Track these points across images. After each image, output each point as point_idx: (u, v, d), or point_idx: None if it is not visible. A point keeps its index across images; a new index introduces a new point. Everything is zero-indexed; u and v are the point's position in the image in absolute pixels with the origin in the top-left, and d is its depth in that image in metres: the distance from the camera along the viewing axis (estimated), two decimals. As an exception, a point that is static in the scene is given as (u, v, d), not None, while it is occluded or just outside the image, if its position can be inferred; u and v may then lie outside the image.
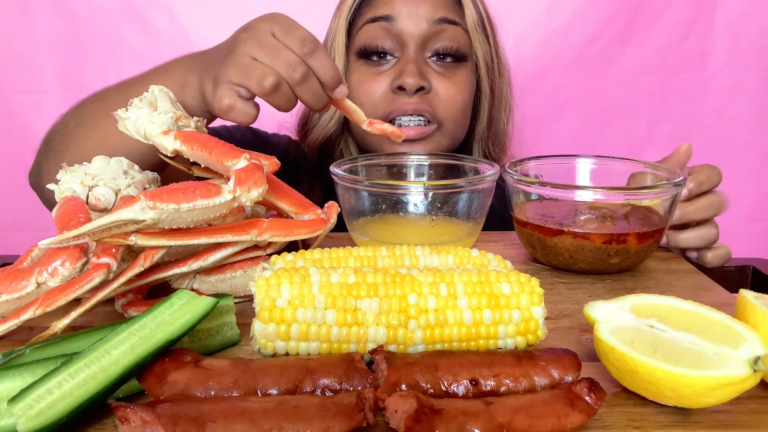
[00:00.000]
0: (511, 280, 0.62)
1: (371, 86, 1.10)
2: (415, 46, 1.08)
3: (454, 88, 1.11)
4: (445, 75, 1.11)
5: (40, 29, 1.78)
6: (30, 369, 0.51)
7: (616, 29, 1.75)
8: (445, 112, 1.11)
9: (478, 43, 1.13)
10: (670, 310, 0.58)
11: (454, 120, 1.13)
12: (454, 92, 1.11)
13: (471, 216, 0.90)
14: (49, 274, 0.62)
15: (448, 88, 1.10)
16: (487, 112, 1.19)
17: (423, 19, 1.07)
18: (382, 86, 1.10)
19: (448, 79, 1.11)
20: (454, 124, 1.13)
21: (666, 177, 0.87)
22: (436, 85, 1.10)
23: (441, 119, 1.11)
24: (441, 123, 1.11)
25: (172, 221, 0.62)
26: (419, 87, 1.07)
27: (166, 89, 0.81)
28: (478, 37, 1.12)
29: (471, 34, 1.12)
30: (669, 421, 0.51)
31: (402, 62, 1.09)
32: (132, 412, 0.45)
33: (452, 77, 1.11)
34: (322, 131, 1.19)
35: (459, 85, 1.12)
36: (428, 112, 1.09)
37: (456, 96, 1.11)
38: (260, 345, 0.60)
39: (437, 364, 0.54)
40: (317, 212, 0.78)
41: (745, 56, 1.76)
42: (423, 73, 1.08)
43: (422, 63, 1.09)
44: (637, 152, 1.79)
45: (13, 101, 1.83)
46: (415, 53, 1.08)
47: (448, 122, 1.12)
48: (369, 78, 1.11)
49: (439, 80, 1.10)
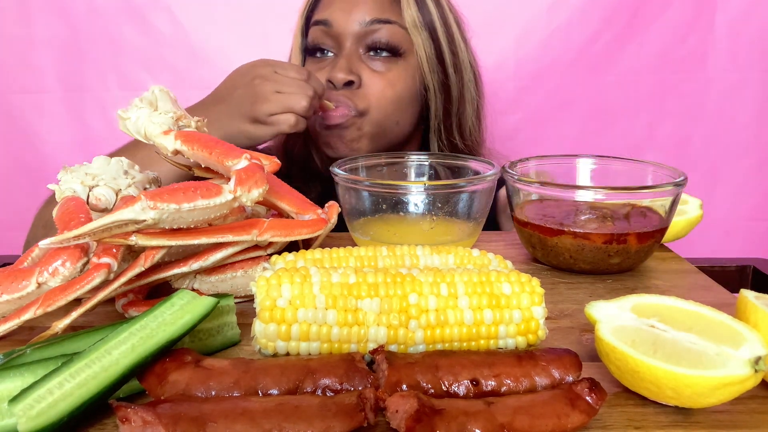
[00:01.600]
0: (512, 280, 0.62)
1: None
2: (350, 44, 1.16)
3: (384, 82, 1.17)
4: (378, 70, 1.17)
5: (40, 29, 1.78)
6: (31, 369, 0.51)
7: (616, 29, 1.74)
8: (371, 104, 1.17)
9: (420, 41, 1.18)
10: (670, 310, 0.58)
11: (381, 110, 1.18)
12: (384, 85, 1.17)
13: (471, 216, 0.89)
14: (50, 274, 0.62)
15: (378, 82, 1.17)
16: (440, 108, 1.24)
17: (355, 21, 1.15)
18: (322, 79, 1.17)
19: (380, 74, 1.17)
20: (379, 114, 1.18)
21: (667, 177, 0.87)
22: (367, 79, 1.16)
23: (364, 109, 1.16)
24: (364, 112, 1.17)
25: (173, 221, 0.62)
26: (347, 81, 1.14)
27: (167, 89, 0.81)
28: (420, 37, 1.17)
29: (410, 32, 1.17)
30: (670, 421, 0.51)
31: (337, 58, 1.18)
32: (133, 412, 0.45)
33: (385, 73, 1.18)
34: None
35: (391, 80, 1.18)
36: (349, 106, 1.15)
37: (385, 89, 1.17)
38: (261, 345, 0.60)
39: (438, 364, 0.54)
40: (318, 212, 0.78)
41: (745, 56, 1.76)
42: (353, 68, 1.16)
43: (355, 59, 1.17)
44: (637, 152, 1.79)
45: (13, 101, 1.83)
46: (350, 50, 1.16)
47: (373, 111, 1.17)
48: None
49: (370, 75, 1.17)
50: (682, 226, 0.93)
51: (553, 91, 1.81)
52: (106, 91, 1.82)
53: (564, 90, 1.80)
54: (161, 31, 1.78)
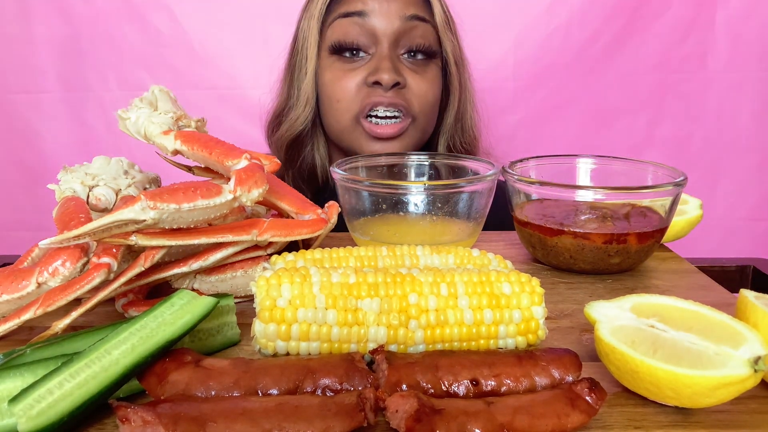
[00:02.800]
0: (512, 280, 0.62)
1: (346, 83, 1.13)
2: (388, 42, 1.11)
3: (426, 83, 1.15)
4: (417, 71, 1.14)
5: (40, 29, 1.78)
6: (31, 369, 0.51)
7: (616, 29, 1.74)
8: (418, 107, 1.14)
9: (448, 40, 1.16)
10: (670, 310, 0.58)
11: (426, 114, 1.17)
12: (427, 88, 1.15)
13: (471, 216, 0.90)
14: (50, 274, 0.62)
15: (421, 84, 1.14)
16: (456, 106, 1.23)
17: (395, 15, 1.09)
18: (357, 82, 1.12)
19: (420, 75, 1.14)
20: (425, 119, 1.17)
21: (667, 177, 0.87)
22: (410, 80, 1.13)
23: (415, 113, 1.14)
24: (415, 117, 1.15)
25: (173, 221, 0.62)
26: (395, 83, 1.10)
27: (167, 89, 0.81)
28: (447, 35, 1.16)
29: (440, 32, 1.15)
30: (670, 421, 0.51)
31: (376, 59, 1.11)
32: (133, 412, 0.45)
33: (424, 73, 1.15)
34: (291, 127, 1.21)
35: (431, 81, 1.16)
36: (403, 106, 1.12)
37: (428, 91, 1.15)
38: (261, 345, 0.60)
39: (438, 364, 0.54)
40: (318, 212, 0.78)
41: (745, 56, 1.76)
42: (398, 68, 1.11)
43: (396, 59, 1.12)
44: (637, 152, 1.79)
45: (13, 101, 1.83)
46: (389, 49, 1.11)
47: (421, 116, 1.16)
48: (343, 75, 1.13)
49: (412, 76, 1.13)
50: (682, 226, 0.93)
51: (552, 91, 1.81)
52: (106, 91, 1.83)
53: (564, 90, 1.80)
54: (161, 31, 1.78)
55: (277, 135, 1.24)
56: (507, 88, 1.80)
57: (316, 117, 1.21)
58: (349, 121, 1.14)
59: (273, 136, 1.27)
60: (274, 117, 1.28)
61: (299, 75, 1.18)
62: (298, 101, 1.19)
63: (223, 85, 1.81)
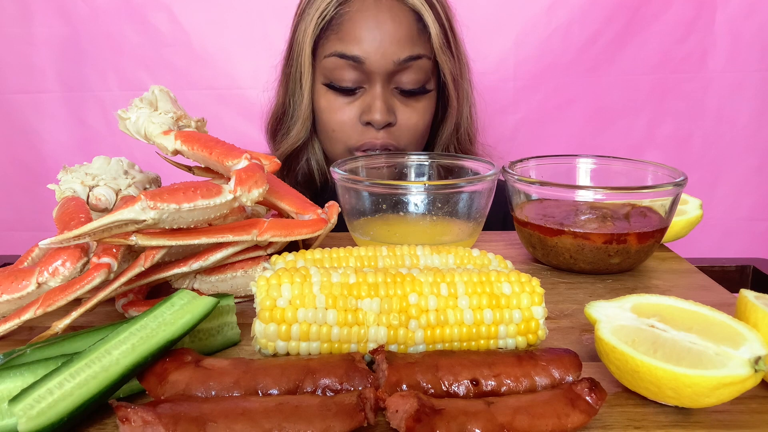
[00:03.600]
0: (512, 280, 0.62)
1: (341, 116, 1.16)
2: (381, 81, 1.12)
3: (416, 116, 1.17)
4: (409, 104, 1.16)
5: (40, 29, 1.78)
6: (31, 369, 0.51)
7: (616, 29, 1.74)
8: (407, 140, 1.18)
9: (445, 62, 1.16)
10: (670, 310, 0.58)
11: (416, 143, 1.20)
12: (417, 119, 1.17)
13: (471, 216, 0.89)
14: (50, 274, 0.62)
15: (411, 117, 1.16)
16: (454, 121, 1.24)
17: (390, 60, 1.11)
18: (351, 117, 1.15)
19: (411, 108, 1.16)
20: (414, 147, 1.21)
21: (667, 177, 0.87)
22: (400, 116, 1.15)
23: (403, 146, 1.18)
24: (404, 149, 1.19)
25: (173, 221, 0.62)
26: (386, 123, 1.13)
27: (167, 89, 0.81)
28: (444, 58, 1.15)
29: (438, 57, 1.15)
30: (670, 421, 0.51)
31: (370, 96, 1.14)
32: (133, 412, 0.45)
33: (415, 105, 1.17)
34: (293, 140, 1.23)
35: (421, 112, 1.18)
36: (393, 145, 1.16)
37: (418, 123, 1.18)
38: (261, 345, 0.60)
39: (438, 364, 0.54)
40: (318, 212, 0.78)
41: (745, 56, 1.76)
42: (390, 108, 1.14)
43: (389, 96, 1.14)
44: (637, 152, 1.79)
45: (13, 101, 1.83)
46: (382, 89, 1.13)
47: (409, 147, 1.19)
48: (338, 108, 1.16)
49: (402, 111, 1.16)
50: (682, 226, 0.93)
51: (553, 91, 1.81)
52: (106, 91, 1.82)
53: (564, 90, 1.80)
54: (161, 31, 1.78)
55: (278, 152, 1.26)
56: (507, 88, 1.80)
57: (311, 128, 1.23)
58: (343, 151, 1.19)
59: (272, 143, 1.30)
60: (272, 121, 1.29)
61: (296, 92, 1.20)
62: (297, 122, 1.21)
63: (223, 85, 1.81)
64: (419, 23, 1.13)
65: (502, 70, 1.78)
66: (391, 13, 1.10)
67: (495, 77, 1.77)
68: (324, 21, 1.13)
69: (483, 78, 1.38)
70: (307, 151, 1.25)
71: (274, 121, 1.28)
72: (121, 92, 1.82)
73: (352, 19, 1.11)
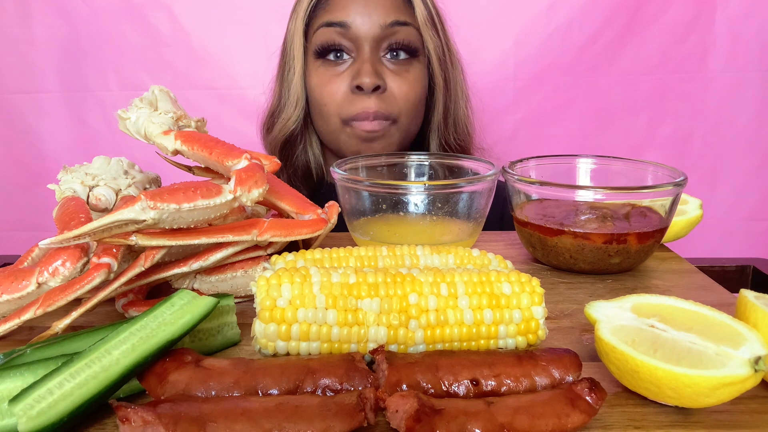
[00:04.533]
0: (512, 280, 0.62)
1: (331, 88, 1.16)
2: (369, 47, 1.14)
3: (407, 85, 1.17)
4: (399, 73, 1.17)
5: (40, 29, 1.78)
6: (31, 369, 0.51)
7: (616, 29, 1.74)
8: (400, 109, 1.17)
9: (429, 38, 1.18)
10: (670, 310, 0.58)
11: (408, 115, 1.19)
12: (408, 89, 1.17)
13: (471, 216, 0.89)
14: (50, 274, 0.62)
15: (402, 85, 1.17)
16: (442, 103, 1.25)
17: (376, 24, 1.13)
18: (342, 87, 1.16)
19: (401, 76, 1.17)
20: (407, 119, 1.20)
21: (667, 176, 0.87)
22: (391, 83, 1.16)
23: (396, 115, 1.17)
24: (396, 119, 1.18)
25: (173, 221, 0.62)
26: (375, 86, 1.13)
27: (167, 89, 0.81)
28: (429, 33, 1.17)
29: (422, 30, 1.17)
30: (670, 421, 0.51)
31: (358, 62, 1.15)
32: (133, 412, 0.45)
33: (406, 74, 1.17)
34: (283, 128, 1.24)
35: (412, 82, 1.18)
36: (386, 114, 1.16)
37: (409, 92, 1.18)
38: (261, 345, 0.59)
39: (438, 364, 0.54)
40: (318, 212, 0.78)
41: (745, 56, 1.76)
42: (378, 72, 1.14)
43: (377, 62, 1.15)
44: (637, 152, 1.79)
45: (13, 101, 1.83)
46: (370, 53, 1.14)
47: (402, 117, 1.18)
48: (328, 80, 1.17)
49: (393, 78, 1.16)
50: (682, 226, 0.93)
51: (553, 91, 1.81)
52: (106, 91, 1.83)
53: (564, 90, 1.80)
54: (161, 31, 1.78)
55: (271, 136, 1.27)
56: (507, 88, 1.80)
57: (307, 116, 1.24)
58: (337, 125, 1.18)
59: (267, 137, 1.30)
60: (268, 117, 1.30)
61: (288, 75, 1.22)
62: (288, 102, 1.22)
63: (223, 85, 1.81)
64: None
65: (502, 70, 1.78)
66: None
67: (495, 77, 1.77)
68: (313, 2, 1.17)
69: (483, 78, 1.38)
70: (303, 140, 1.25)
71: (270, 116, 1.29)
72: (121, 92, 1.82)
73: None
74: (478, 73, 1.34)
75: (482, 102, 1.34)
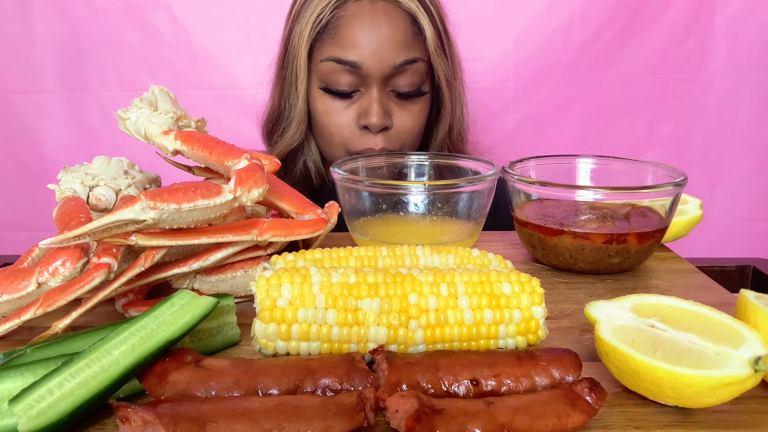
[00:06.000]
0: (512, 280, 0.62)
1: (338, 120, 1.16)
2: (377, 84, 1.12)
3: (412, 119, 1.17)
4: (405, 106, 1.16)
5: (40, 29, 1.78)
6: (31, 369, 0.51)
7: (616, 29, 1.74)
8: (403, 142, 1.18)
9: (439, 65, 1.16)
10: (670, 310, 0.58)
11: (412, 146, 1.21)
12: (412, 123, 1.18)
13: (471, 216, 0.90)
14: (50, 274, 0.62)
15: (406, 121, 1.17)
16: (448, 121, 1.24)
17: (386, 64, 1.11)
18: (349, 122, 1.15)
19: (407, 110, 1.17)
20: (409, 149, 1.21)
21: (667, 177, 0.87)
22: (396, 119, 1.16)
23: (398, 148, 1.18)
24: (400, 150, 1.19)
25: (173, 221, 0.62)
26: (383, 127, 1.13)
27: (167, 89, 0.81)
28: (439, 60, 1.15)
29: (432, 60, 1.15)
30: (670, 421, 0.51)
31: (366, 99, 1.13)
32: (133, 412, 0.45)
33: (411, 107, 1.17)
34: (288, 142, 1.23)
35: (417, 114, 1.18)
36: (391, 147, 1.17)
37: (414, 126, 1.18)
38: (261, 345, 0.60)
39: (438, 364, 0.54)
40: (318, 212, 0.78)
41: (745, 56, 1.76)
42: (386, 110, 1.14)
43: (385, 100, 1.14)
44: (637, 152, 1.79)
45: (13, 101, 1.83)
46: (378, 92, 1.13)
47: (405, 149, 1.20)
48: (335, 111, 1.16)
49: (398, 114, 1.16)
50: (682, 226, 0.93)
51: (553, 91, 1.81)
52: (106, 91, 1.82)
53: (564, 90, 1.80)
54: (161, 31, 1.78)
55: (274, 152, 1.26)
56: (507, 88, 1.80)
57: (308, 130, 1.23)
58: (342, 154, 1.18)
59: (268, 147, 1.30)
60: (267, 122, 1.29)
61: (290, 94, 1.19)
62: (292, 124, 1.21)
63: (223, 85, 1.81)
64: (414, 26, 1.13)
65: (502, 70, 1.78)
66: (387, 17, 1.10)
67: (495, 77, 1.77)
68: (320, 25, 1.12)
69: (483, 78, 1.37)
70: (303, 152, 1.25)
71: (270, 122, 1.28)
72: (121, 92, 1.82)
73: (348, 24, 1.10)
74: (478, 73, 1.34)
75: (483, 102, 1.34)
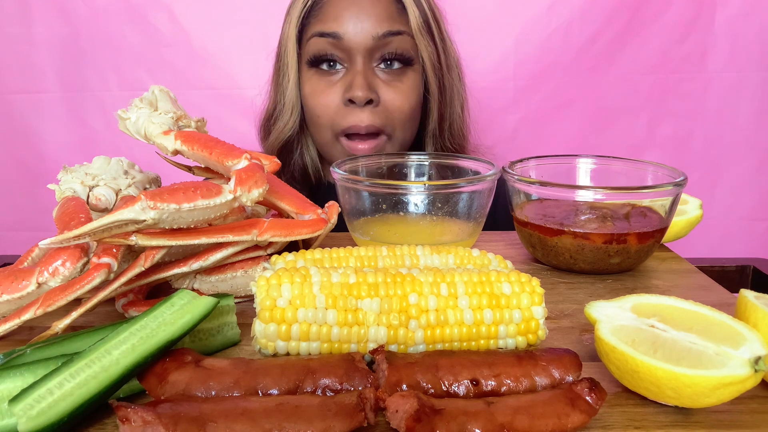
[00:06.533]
0: (512, 280, 0.62)
1: (324, 99, 1.15)
2: (362, 58, 1.12)
3: (401, 96, 1.15)
4: (392, 83, 1.15)
5: (40, 29, 1.78)
6: (31, 369, 0.51)
7: (616, 29, 1.74)
8: (394, 123, 1.16)
9: (424, 46, 1.16)
10: (670, 310, 0.58)
11: (403, 128, 1.18)
12: (402, 101, 1.15)
13: (471, 216, 0.90)
14: (50, 274, 0.62)
15: (395, 98, 1.15)
16: (437, 110, 1.23)
17: (369, 35, 1.11)
18: (335, 99, 1.14)
19: (395, 87, 1.15)
20: (402, 132, 1.19)
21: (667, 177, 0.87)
22: (384, 95, 1.14)
23: (390, 131, 1.16)
24: (391, 134, 1.17)
25: (173, 221, 0.62)
26: (368, 100, 1.12)
27: (167, 89, 0.81)
28: (423, 41, 1.15)
29: (416, 38, 1.15)
30: (670, 421, 0.51)
31: (351, 73, 1.13)
32: (133, 412, 0.45)
33: (399, 84, 1.16)
34: (280, 134, 1.23)
35: (406, 92, 1.16)
36: (378, 128, 1.15)
37: (403, 104, 1.16)
38: (261, 345, 0.60)
39: (438, 364, 0.54)
40: (318, 212, 0.78)
41: (745, 56, 1.76)
42: (371, 84, 1.13)
43: (370, 74, 1.14)
44: (637, 152, 1.79)
45: (13, 101, 1.83)
46: (363, 65, 1.13)
47: (397, 131, 1.17)
48: (321, 90, 1.15)
49: (386, 90, 1.14)
50: (682, 226, 0.93)
51: (553, 91, 1.81)
52: (106, 91, 1.83)
53: (564, 90, 1.80)
54: (161, 31, 1.78)
55: (268, 142, 1.27)
56: (507, 88, 1.80)
57: (302, 121, 1.23)
58: (329, 138, 1.18)
59: (265, 142, 1.30)
60: (264, 121, 1.30)
61: (283, 81, 1.20)
62: (284, 109, 1.21)
63: (223, 85, 1.81)
64: (398, 4, 1.14)
65: (502, 70, 1.78)
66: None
67: (495, 77, 1.77)
68: (306, 8, 1.15)
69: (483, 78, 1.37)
70: (300, 144, 1.25)
71: (266, 119, 1.29)
72: (121, 92, 1.82)
73: (332, 1, 1.13)
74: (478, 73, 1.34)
75: (483, 102, 1.34)
